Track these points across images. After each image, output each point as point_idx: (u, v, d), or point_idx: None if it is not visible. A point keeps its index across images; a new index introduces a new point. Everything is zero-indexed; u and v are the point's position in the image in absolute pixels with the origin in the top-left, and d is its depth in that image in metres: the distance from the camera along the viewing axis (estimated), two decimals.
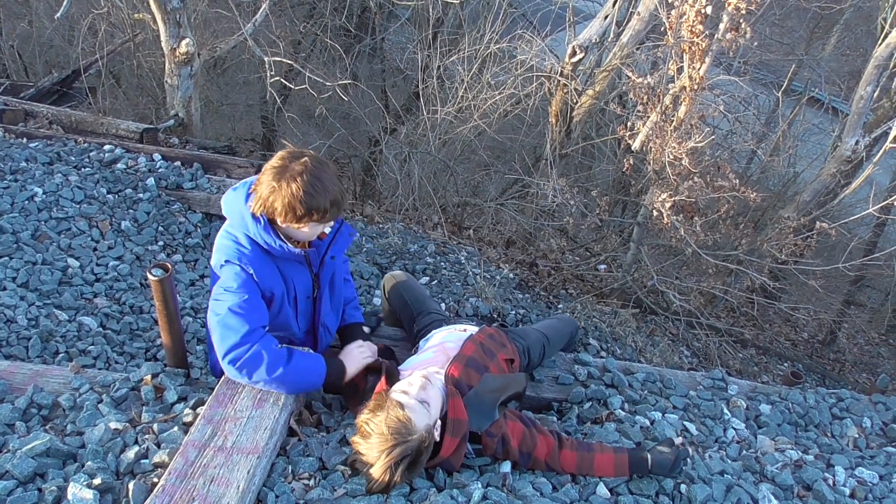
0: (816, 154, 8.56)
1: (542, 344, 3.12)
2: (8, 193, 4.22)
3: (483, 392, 2.41)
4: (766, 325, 8.81)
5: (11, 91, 6.82)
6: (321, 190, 2.28)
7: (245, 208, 2.39)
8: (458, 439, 2.24)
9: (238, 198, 2.43)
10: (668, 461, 2.39)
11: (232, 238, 2.43)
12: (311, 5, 10.11)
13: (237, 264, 2.39)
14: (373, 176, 8.67)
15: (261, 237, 2.39)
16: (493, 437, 2.32)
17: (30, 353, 3.31)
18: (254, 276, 2.41)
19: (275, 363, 2.31)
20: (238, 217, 2.41)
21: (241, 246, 2.41)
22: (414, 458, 2.13)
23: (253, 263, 2.41)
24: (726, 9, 4.86)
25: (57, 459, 2.10)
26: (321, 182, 2.28)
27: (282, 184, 2.26)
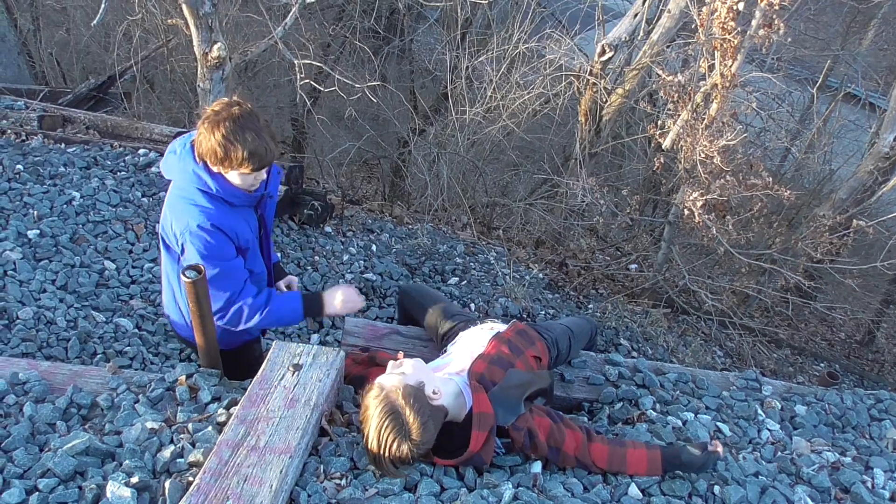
0: (853, 151, 8.41)
1: (568, 336, 3.11)
2: (47, 198, 4.33)
3: (508, 387, 2.41)
4: (802, 324, 8.68)
5: (50, 97, 6.97)
6: (241, 139, 2.38)
7: (197, 167, 2.49)
8: (485, 433, 2.24)
9: (185, 159, 2.51)
10: (698, 460, 2.38)
11: (191, 202, 2.52)
12: (341, 8, 10.18)
13: (207, 229, 2.49)
14: (402, 177, 8.70)
15: (221, 190, 2.50)
16: (520, 430, 2.32)
17: (69, 353, 3.39)
18: (226, 233, 2.53)
19: (252, 314, 2.64)
20: (191, 177, 2.50)
21: (205, 207, 2.51)
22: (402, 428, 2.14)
23: (222, 222, 2.52)
24: (759, 5, 4.80)
25: (96, 458, 2.15)
26: (242, 131, 2.38)
27: (209, 128, 2.39)
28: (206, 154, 2.43)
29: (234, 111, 2.39)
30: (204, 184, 2.49)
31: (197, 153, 2.47)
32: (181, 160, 2.52)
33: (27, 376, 2.51)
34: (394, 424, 2.15)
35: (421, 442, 2.16)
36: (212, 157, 2.42)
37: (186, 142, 2.55)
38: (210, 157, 2.43)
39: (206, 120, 2.41)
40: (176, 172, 2.55)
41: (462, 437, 2.27)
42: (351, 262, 5.05)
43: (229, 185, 2.52)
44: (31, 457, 2.14)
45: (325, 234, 5.28)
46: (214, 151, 2.40)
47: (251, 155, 2.41)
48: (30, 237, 3.99)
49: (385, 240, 5.67)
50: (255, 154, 2.42)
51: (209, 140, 2.39)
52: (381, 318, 4.57)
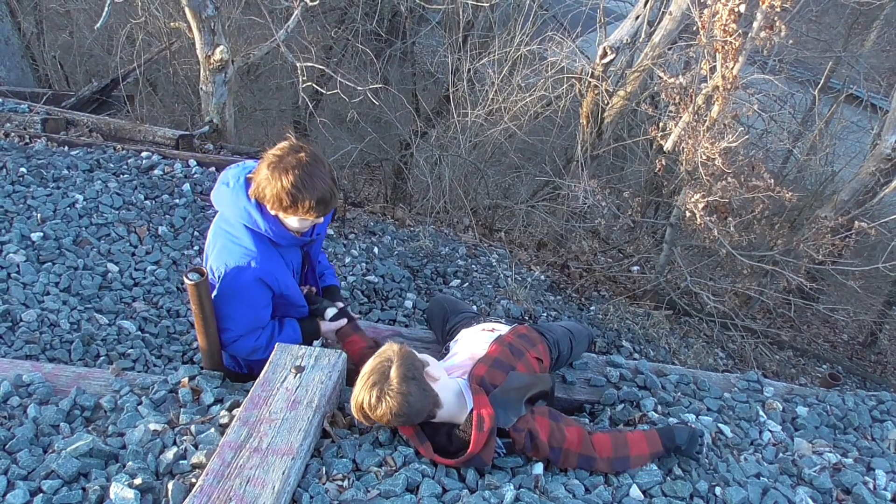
0: (855, 152, 8.40)
1: (569, 338, 3.14)
2: (51, 200, 4.34)
3: (509, 389, 2.42)
4: (804, 326, 8.66)
5: (53, 100, 6.99)
6: (310, 186, 2.36)
7: (248, 204, 2.47)
8: (485, 434, 2.25)
9: (237, 193, 2.49)
10: (687, 432, 2.50)
11: (235, 239, 2.51)
12: (343, 11, 10.21)
13: (246, 269, 2.49)
14: (404, 179, 8.71)
15: (271, 232, 2.49)
16: (521, 431, 2.33)
17: (72, 356, 3.41)
18: (264, 280, 2.53)
19: (254, 351, 2.69)
20: (241, 213, 2.48)
21: (248, 249, 2.50)
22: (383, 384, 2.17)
23: (262, 264, 2.51)
24: (760, 7, 4.80)
25: (99, 459, 2.16)
26: (311, 178, 2.36)
27: (275, 174, 2.34)
28: (270, 199, 2.39)
29: (301, 157, 2.36)
30: (254, 223, 2.48)
31: (255, 195, 2.44)
32: (233, 194, 2.50)
33: (31, 378, 2.53)
34: (377, 378, 2.18)
35: (397, 406, 2.15)
36: (275, 203, 2.39)
37: (241, 175, 2.52)
38: (273, 203, 2.40)
39: (270, 164, 2.37)
40: (226, 205, 2.53)
41: (463, 439, 2.28)
42: (353, 265, 5.06)
43: (280, 228, 2.51)
44: (35, 458, 2.15)
45: (327, 236, 5.29)
46: (280, 199, 2.37)
47: (319, 203, 2.40)
48: (33, 240, 4.00)
49: (387, 242, 5.68)
50: (322, 202, 2.41)
51: (275, 186, 2.35)
52: (383, 321, 4.58)
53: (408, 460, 2.28)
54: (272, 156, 2.38)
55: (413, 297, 4.85)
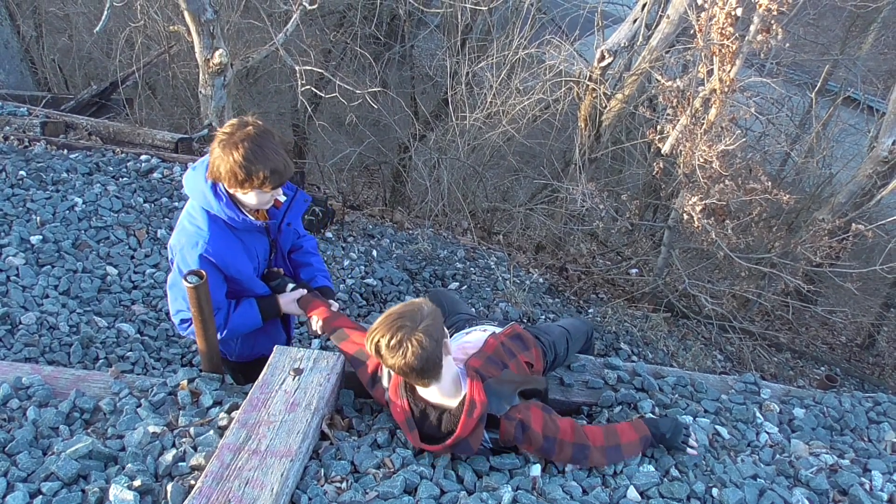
0: (852, 155, 8.42)
1: (566, 338, 3.15)
2: (50, 203, 4.36)
3: (503, 381, 2.44)
4: (803, 328, 8.68)
5: (53, 104, 7.01)
6: (261, 157, 2.37)
7: (205, 185, 2.49)
8: (474, 420, 2.26)
9: (198, 175, 2.52)
10: (672, 422, 2.57)
11: (191, 219, 2.54)
12: (342, 14, 10.23)
13: (197, 251, 2.50)
14: (402, 182, 8.73)
15: (224, 213, 2.50)
16: (512, 420, 2.33)
17: (71, 358, 3.42)
18: (213, 261, 2.53)
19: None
20: (200, 195, 2.51)
21: (199, 229, 2.51)
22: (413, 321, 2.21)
23: (213, 245, 2.51)
24: (757, 10, 4.82)
25: (99, 462, 2.17)
26: (262, 150, 2.37)
27: (226, 150, 2.36)
28: (224, 176, 2.40)
29: (249, 131, 2.37)
30: (208, 203, 2.49)
31: (212, 175, 2.45)
32: (195, 176, 2.52)
33: (31, 381, 2.53)
34: (406, 322, 2.19)
35: (413, 356, 2.16)
36: (231, 178, 2.40)
37: (206, 160, 2.53)
38: (229, 179, 2.41)
39: (220, 142, 2.38)
40: (189, 188, 2.54)
41: (452, 425, 2.28)
42: (352, 268, 5.08)
43: (234, 210, 2.51)
44: (35, 460, 2.16)
45: (326, 239, 5.30)
46: (234, 173, 2.37)
47: (273, 173, 2.40)
48: (33, 243, 4.01)
49: (386, 245, 5.70)
50: (276, 172, 2.41)
51: (227, 161, 2.36)
52: None
53: (406, 462, 2.29)
54: (222, 133, 2.41)
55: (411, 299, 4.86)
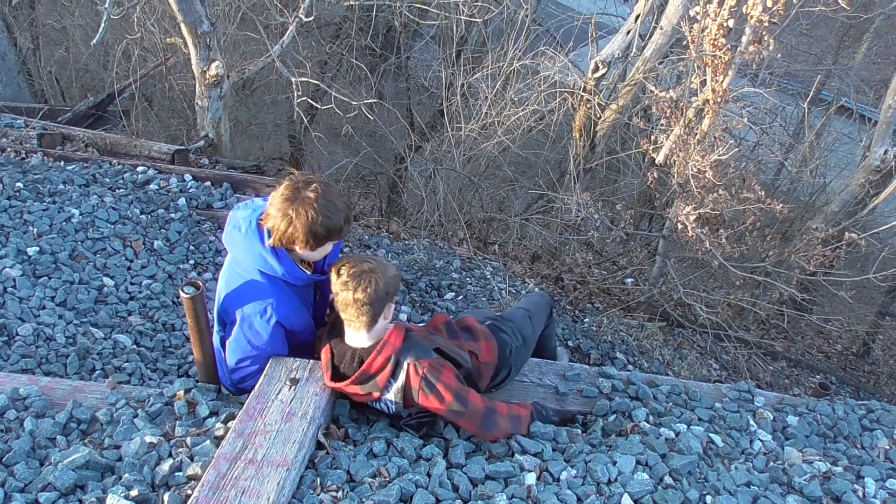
0: (846, 164, 8.47)
1: (528, 317, 3.30)
2: (47, 215, 4.37)
3: (427, 338, 2.59)
4: (798, 337, 8.70)
5: (50, 116, 7.03)
6: (335, 210, 2.38)
7: (265, 250, 2.46)
8: (383, 357, 2.45)
9: (251, 239, 2.47)
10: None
11: (250, 287, 2.53)
12: (338, 26, 10.29)
13: (269, 319, 2.52)
14: (398, 193, 8.76)
15: (288, 275, 2.50)
16: (419, 371, 2.45)
17: (68, 370, 3.42)
18: (282, 324, 2.56)
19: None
20: (256, 259, 2.48)
21: (265, 297, 2.51)
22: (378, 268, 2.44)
23: (281, 311, 2.53)
24: (749, 22, 4.87)
25: (96, 472, 2.18)
26: (333, 203, 2.38)
27: (299, 211, 2.34)
28: (303, 237, 2.38)
29: (316, 187, 2.37)
30: (270, 268, 2.48)
31: (280, 241, 2.42)
32: (247, 239, 2.48)
33: (28, 391, 2.55)
34: (375, 266, 2.42)
35: (373, 291, 2.39)
36: (310, 238, 2.39)
37: (252, 219, 2.50)
38: (308, 240, 2.39)
39: (287, 205, 2.35)
40: (240, 251, 2.52)
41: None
42: None
43: (296, 269, 2.52)
44: (32, 471, 2.17)
45: None
46: (315, 232, 2.37)
47: (346, 221, 2.45)
48: (29, 254, 4.02)
49: (382, 255, 5.71)
50: (348, 219, 2.47)
51: (304, 223, 2.35)
52: None
53: (402, 471, 2.30)
54: (284, 200, 2.37)
55: (408, 310, 4.88)
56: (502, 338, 3.05)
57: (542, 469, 2.48)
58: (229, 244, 2.56)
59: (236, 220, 2.54)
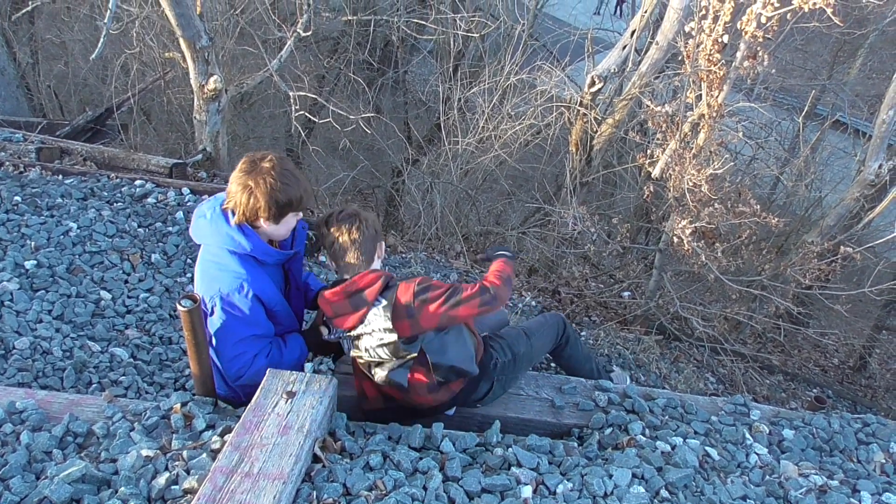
0: (841, 178, 8.52)
1: (524, 334, 3.34)
2: (45, 229, 4.38)
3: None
4: (795, 350, 8.71)
5: (48, 129, 7.04)
6: (293, 179, 2.49)
7: (231, 229, 2.53)
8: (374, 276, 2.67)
9: (217, 221, 2.56)
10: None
11: (221, 267, 2.57)
12: (336, 41, 10.35)
13: (247, 293, 2.57)
14: (396, 206, 8.78)
15: (258, 250, 2.57)
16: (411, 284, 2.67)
17: (64, 383, 3.42)
18: (259, 299, 2.61)
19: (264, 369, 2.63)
20: (225, 239, 2.55)
21: (238, 273, 2.56)
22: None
23: (256, 285, 2.58)
24: (744, 37, 4.91)
25: (92, 485, 2.17)
26: (291, 173, 2.50)
27: (258, 181, 2.45)
28: (264, 208, 2.47)
29: (270, 160, 2.48)
30: (239, 245, 2.53)
31: (244, 217, 2.51)
32: (213, 223, 2.55)
33: (24, 405, 2.54)
34: (363, 214, 2.72)
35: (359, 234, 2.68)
36: (270, 209, 2.47)
37: (216, 205, 2.58)
38: (268, 210, 2.48)
39: (246, 177, 2.46)
40: (207, 236, 2.59)
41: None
42: None
43: (265, 245, 2.59)
44: (28, 485, 2.17)
45: (319, 263, 5.32)
46: (276, 201, 2.46)
47: (306, 193, 2.54)
48: (27, 268, 4.03)
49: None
50: (307, 192, 2.55)
51: (263, 193, 2.44)
52: None
53: (398, 484, 2.30)
54: (242, 173, 2.48)
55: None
56: (490, 352, 3.10)
57: (539, 482, 2.48)
58: (197, 234, 2.63)
59: (201, 211, 2.63)
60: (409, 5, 9.21)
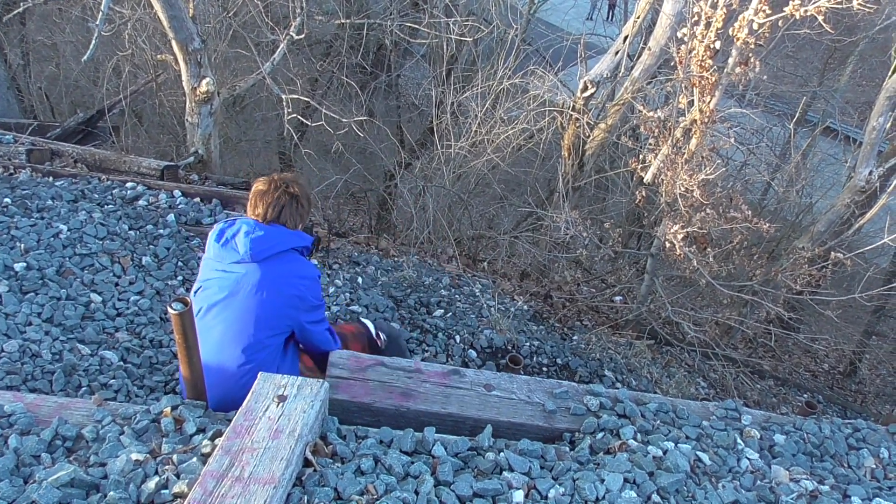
0: (831, 184, 8.57)
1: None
2: (35, 231, 4.35)
3: None
4: (785, 356, 8.75)
5: (39, 131, 7.00)
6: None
7: (294, 234, 3.02)
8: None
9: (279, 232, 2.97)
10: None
11: (302, 264, 3.03)
12: (328, 44, 10.35)
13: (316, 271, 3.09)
14: (388, 210, 8.78)
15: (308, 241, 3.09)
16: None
17: (53, 386, 3.39)
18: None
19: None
20: (297, 239, 3.01)
21: (312, 266, 3.07)
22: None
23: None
24: (735, 44, 4.94)
25: (81, 490, 2.16)
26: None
27: (297, 187, 3.02)
28: (307, 207, 3.04)
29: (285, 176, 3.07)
30: (304, 239, 3.02)
31: (301, 222, 3.06)
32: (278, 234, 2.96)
33: (12, 408, 2.52)
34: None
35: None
36: (310, 206, 3.05)
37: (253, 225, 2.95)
38: (309, 208, 3.05)
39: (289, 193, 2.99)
40: (277, 247, 2.95)
41: None
42: (337, 295, 5.08)
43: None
44: (16, 489, 2.15)
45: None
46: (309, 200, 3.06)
47: None
48: (16, 270, 4.00)
49: (371, 272, 5.71)
50: None
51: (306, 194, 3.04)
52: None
53: (389, 488, 2.29)
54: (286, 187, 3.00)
55: (397, 326, 4.88)
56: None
57: (531, 487, 2.48)
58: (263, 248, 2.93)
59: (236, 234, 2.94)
60: (402, 9, 9.21)
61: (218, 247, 2.92)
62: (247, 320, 2.94)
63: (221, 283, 2.94)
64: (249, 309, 2.94)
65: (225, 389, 3.01)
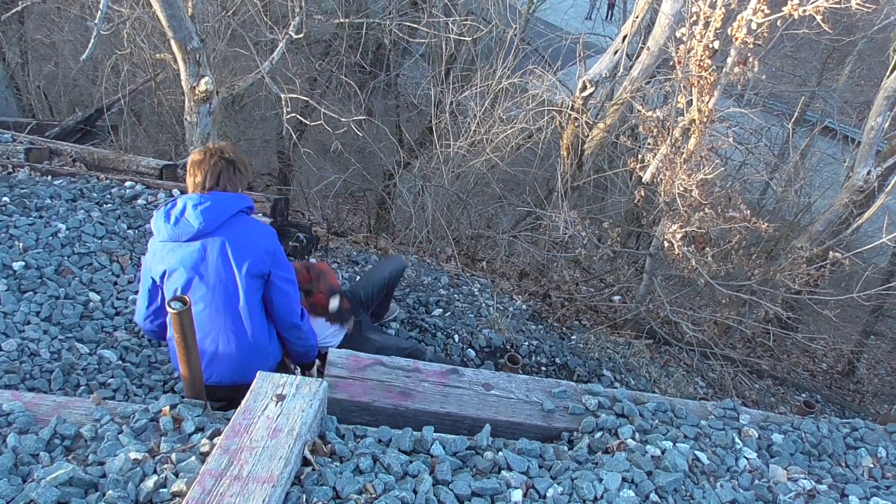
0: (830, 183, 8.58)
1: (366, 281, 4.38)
2: (33, 230, 4.35)
3: None
4: (784, 355, 8.76)
5: (37, 130, 7.00)
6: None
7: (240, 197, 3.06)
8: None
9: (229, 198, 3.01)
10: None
11: (251, 223, 3.05)
12: (327, 43, 10.34)
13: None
14: (387, 209, 8.78)
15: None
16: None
17: (52, 385, 3.39)
18: None
19: None
20: (244, 200, 3.05)
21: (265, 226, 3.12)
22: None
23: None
24: (734, 43, 4.94)
25: (79, 489, 2.16)
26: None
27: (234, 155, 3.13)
28: (245, 176, 3.10)
29: (220, 145, 3.08)
30: (248, 200, 3.06)
31: (242, 185, 3.10)
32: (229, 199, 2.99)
33: (11, 407, 2.52)
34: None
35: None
36: (245, 178, 3.10)
37: (189, 201, 2.94)
38: (245, 180, 3.10)
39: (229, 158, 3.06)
40: (228, 210, 2.96)
41: None
42: None
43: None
44: (15, 488, 2.15)
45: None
46: (246, 166, 3.11)
47: None
48: (15, 269, 4.00)
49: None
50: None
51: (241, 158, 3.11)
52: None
53: (388, 487, 2.29)
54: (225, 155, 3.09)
55: (395, 326, 4.88)
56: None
57: (529, 486, 2.48)
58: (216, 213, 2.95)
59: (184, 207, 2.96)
60: (401, 9, 9.21)
61: (170, 227, 2.90)
62: (227, 289, 3.01)
63: (185, 261, 2.94)
64: (224, 278, 2.99)
65: (224, 364, 3.11)
